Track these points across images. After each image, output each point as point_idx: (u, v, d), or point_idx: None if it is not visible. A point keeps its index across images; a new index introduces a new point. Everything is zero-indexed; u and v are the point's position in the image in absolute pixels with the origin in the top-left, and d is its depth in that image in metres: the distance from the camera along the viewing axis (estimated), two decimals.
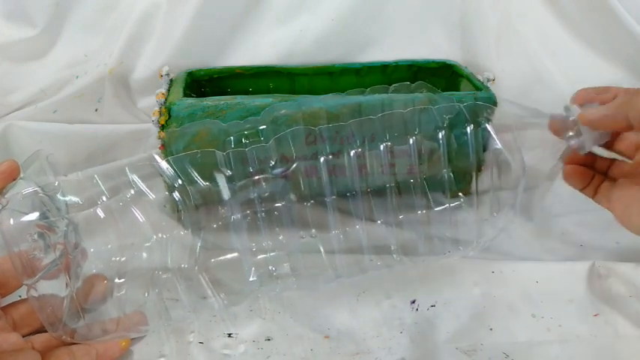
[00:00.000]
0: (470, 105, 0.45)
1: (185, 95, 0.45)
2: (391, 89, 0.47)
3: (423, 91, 0.46)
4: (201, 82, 0.53)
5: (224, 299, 0.39)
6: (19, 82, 0.57)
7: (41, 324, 0.33)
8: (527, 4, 0.58)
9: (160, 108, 0.43)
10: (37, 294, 0.31)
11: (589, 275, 0.41)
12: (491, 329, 0.37)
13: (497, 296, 0.40)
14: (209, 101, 0.43)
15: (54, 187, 0.34)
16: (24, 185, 0.32)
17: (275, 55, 0.56)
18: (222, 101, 0.43)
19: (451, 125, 0.44)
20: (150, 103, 0.56)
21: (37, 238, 0.31)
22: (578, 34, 0.58)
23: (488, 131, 0.47)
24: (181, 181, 0.45)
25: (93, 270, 0.38)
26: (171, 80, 0.49)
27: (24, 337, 0.33)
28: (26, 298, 0.32)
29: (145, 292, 0.38)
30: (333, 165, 0.47)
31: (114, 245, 0.38)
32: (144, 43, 0.56)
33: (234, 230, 0.40)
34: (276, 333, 0.37)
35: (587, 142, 0.35)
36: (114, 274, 0.38)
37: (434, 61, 0.56)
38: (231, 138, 0.41)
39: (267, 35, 0.57)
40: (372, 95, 0.45)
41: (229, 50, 0.57)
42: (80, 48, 0.58)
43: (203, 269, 0.40)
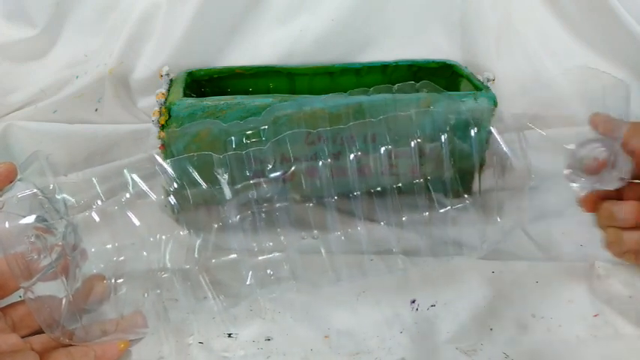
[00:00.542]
0: (473, 106, 0.45)
1: (185, 95, 0.45)
2: (395, 88, 0.47)
3: (426, 91, 0.46)
4: (201, 82, 0.53)
5: (223, 300, 0.39)
6: (19, 82, 0.57)
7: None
8: (527, 4, 0.58)
9: (160, 108, 0.43)
10: (34, 296, 0.31)
11: (589, 275, 0.41)
12: (492, 329, 0.37)
13: (497, 296, 0.40)
14: (209, 101, 0.43)
15: (53, 188, 0.34)
16: (22, 187, 0.32)
17: (275, 55, 0.56)
18: (222, 101, 0.43)
19: (454, 126, 0.45)
20: (150, 103, 0.56)
21: (34, 240, 0.31)
22: (578, 34, 0.58)
23: (491, 132, 0.47)
24: (181, 183, 0.45)
25: (93, 270, 0.38)
26: (171, 80, 0.49)
27: (23, 338, 0.33)
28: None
29: (145, 293, 0.38)
30: (333, 166, 0.47)
31: (113, 245, 0.38)
32: (144, 43, 0.56)
33: (233, 231, 0.40)
34: (276, 333, 0.37)
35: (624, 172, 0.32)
36: (113, 274, 0.38)
37: (434, 61, 0.56)
38: (232, 138, 0.41)
39: (267, 35, 0.57)
40: (374, 95, 0.44)
41: (229, 50, 0.57)
42: (80, 48, 0.58)
43: (203, 270, 0.40)
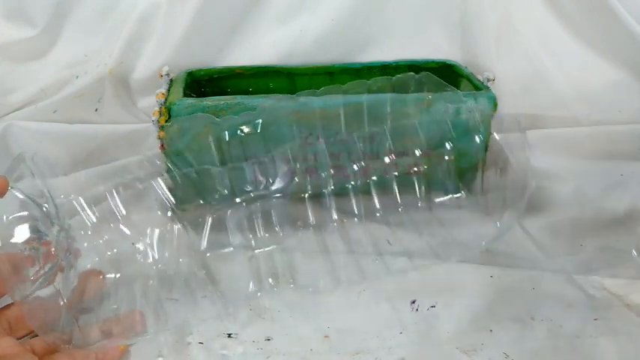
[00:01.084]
0: (473, 106, 0.45)
1: (185, 95, 0.45)
2: (394, 80, 0.47)
3: (426, 89, 0.46)
4: (201, 82, 0.53)
5: (222, 298, 0.39)
6: (19, 82, 0.57)
7: None
8: (527, 4, 0.58)
9: (160, 108, 0.43)
10: (28, 302, 0.31)
11: (588, 280, 0.41)
12: (491, 330, 0.37)
13: (496, 299, 0.40)
14: (209, 101, 0.43)
15: (42, 191, 0.33)
16: (10, 195, 0.32)
17: (275, 55, 0.56)
18: (222, 101, 0.43)
19: (454, 126, 0.45)
20: (150, 103, 0.56)
21: (27, 254, 0.31)
22: (578, 34, 0.58)
23: (491, 132, 0.47)
24: (178, 180, 0.46)
25: (87, 265, 0.38)
26: (171, 80, 0.49)
27: (23, 339, 0.33)
28: None
29: (141, 291, 0.38)
30: (333, 165, 0.47)
31: (107, 239, 0.38)
32: (144, 43, 0.56)
33: (230, 226, 0.40)
34: (276, 333, 0.37)
35: None
36: (109, 268, 0.38)
37: (434, 61, 0.56)
38: (226, 132, 0.41)
39: (267, 35, 0.57)
40: (374, 95, 0.44)
41: (229, 50, 0.57)
42: (80, 48, 0.58)
43: (200, 265, 0.40)
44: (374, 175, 0.48)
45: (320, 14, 0.56)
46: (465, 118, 0.45)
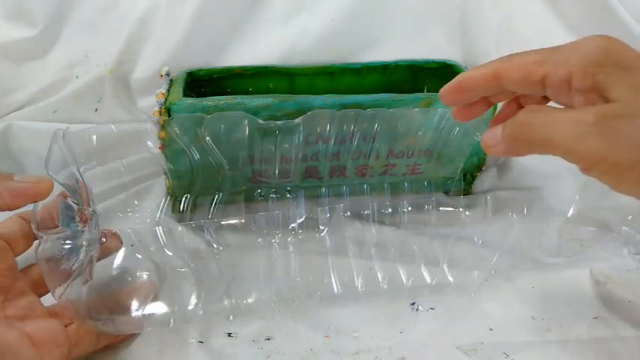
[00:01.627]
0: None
1: (185, 95, 0.45)
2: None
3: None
4: (201, 82, 0.53)
5: (237, 299, 0.38)
6: (19, 82, 0.57)
7: None
8: (527, 4, 0.58)
9: (160, 108, 0.43)
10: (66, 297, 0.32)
11: (588, 279, 0.41)
12: (491, 330, 0.37)
13: (496, 299, 0.40)
14: (209, 101, 0.43)
15: (76, 178, 0.34)
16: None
17: (275, 55, 0.56)
18: (222, 101, 0.43)
19: (454, 125, 0.45)
20: (150, 103, 0.56)
21: (67, 252, 0.32)
22: (578, 34, 0.58)
23: None
24: (181, 182, 0.46)
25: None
26: (171, 80, 0.49)
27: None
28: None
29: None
30: (332, 165, 0.47)
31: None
32: (144, 43, 0.56)
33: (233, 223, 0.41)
34: (276, 333, 0.37)
35: None
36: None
37: (434, 61, 0.56)
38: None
39: (267, 35, 0.56)
40: (373, 95, 0.44)
41: (229, 50, 0.57)
42: (80, 48, 0.58)
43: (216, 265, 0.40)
44: (374, 175, 0.48)
45: (320, 14, 0.56)
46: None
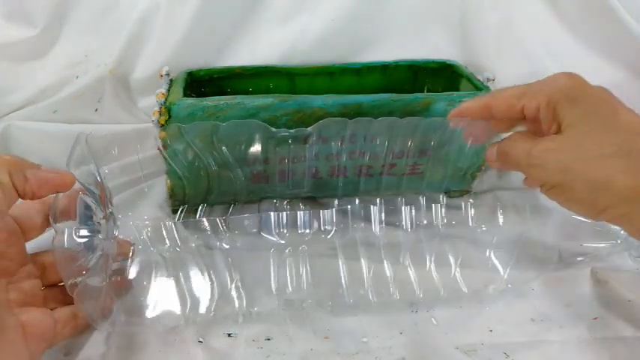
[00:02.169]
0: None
1: (185, 95, 0.45)
2: None
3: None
4: (201, 82, 0.53)
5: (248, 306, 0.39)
6: (19, 82, 0.57)
7: None
8: (527, 4, 0.58)
9: (160, 108, 0.43)
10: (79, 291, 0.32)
11: (588, 280, 0.41)
12: (491, 330, 0.37)
13: (496, 300, 0.40)
14: (209, 101, 0.43)
15: (95, 177, 0.34)
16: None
17: (275, 55, 0.56)
18: (222, 101, 0.43)
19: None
20: (150, 103, 0.56)
21: (82, 245, 0.32)
22: (578, 34, 0.58)
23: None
24: (182, 179, 0.46)
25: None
26: (171, 80, 0.49)
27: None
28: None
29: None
30: (332, 165, 0.47)
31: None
32: (144, 43, 0.56)
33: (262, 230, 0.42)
34: (276, 333, 0.37)
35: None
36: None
37: (434, 61, 0.56)
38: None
39: (267, 35, 0.56)
40: (374, 95, 0.44)
41: (229, 50, 0.57)
42: (80, 48, 0.58)
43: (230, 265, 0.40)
44: (374, 175, 0.48)
45: (320, 14, 0.56)
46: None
